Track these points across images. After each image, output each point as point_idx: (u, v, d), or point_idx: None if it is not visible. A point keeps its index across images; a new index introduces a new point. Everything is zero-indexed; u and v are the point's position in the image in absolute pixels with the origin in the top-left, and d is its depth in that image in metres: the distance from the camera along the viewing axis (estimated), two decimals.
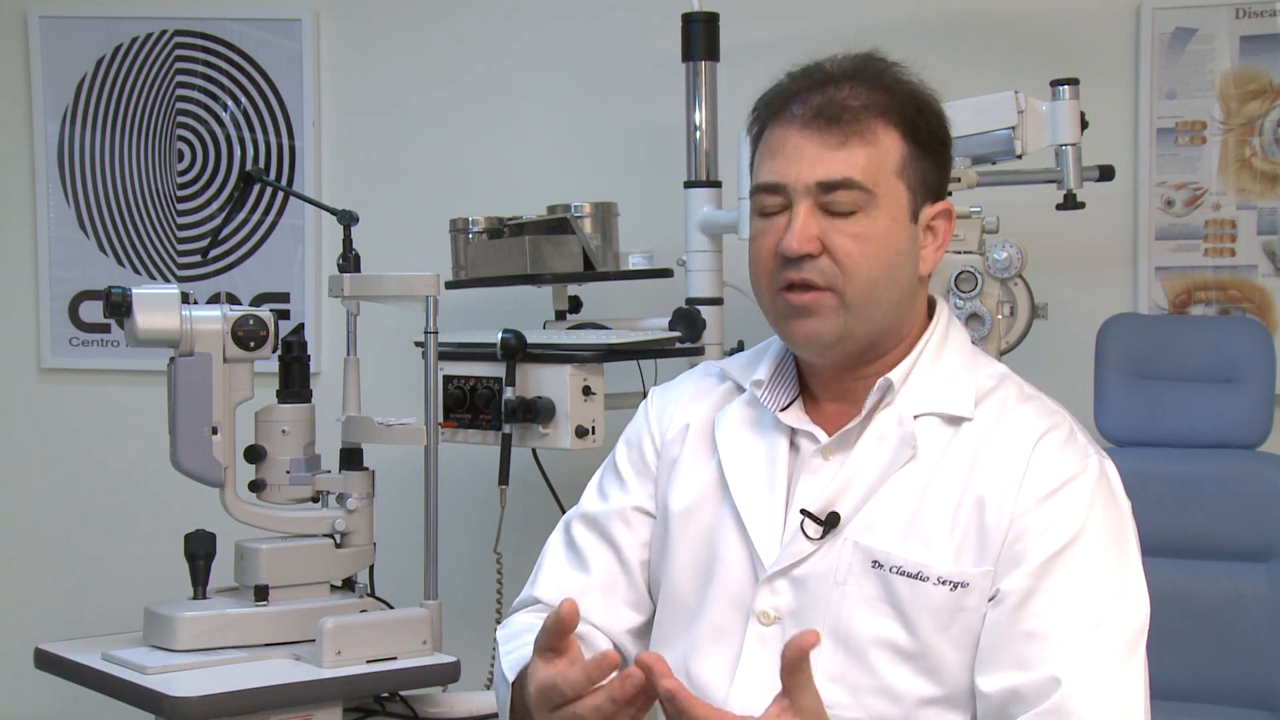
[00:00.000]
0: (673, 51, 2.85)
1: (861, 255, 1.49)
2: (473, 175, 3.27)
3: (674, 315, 2.71)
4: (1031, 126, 2.54)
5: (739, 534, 1.55)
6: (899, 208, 1.51)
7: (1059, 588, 1.42)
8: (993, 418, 1.52)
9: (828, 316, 1.50)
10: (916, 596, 1.45)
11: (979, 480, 1.48)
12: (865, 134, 1.50)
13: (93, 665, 2.25)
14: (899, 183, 1.51)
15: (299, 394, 2.44)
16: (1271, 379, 2.67)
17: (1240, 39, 3.00)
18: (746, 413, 1.61)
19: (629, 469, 1.68)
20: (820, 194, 1.49)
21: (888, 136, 1.51)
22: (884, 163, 1.50)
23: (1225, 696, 2.59)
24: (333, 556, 2.39)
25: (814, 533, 1.49)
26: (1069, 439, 1.51)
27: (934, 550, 1.46)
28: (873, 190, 1.49)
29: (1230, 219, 3.02)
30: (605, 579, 1.64)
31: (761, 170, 1.54)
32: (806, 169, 1.50)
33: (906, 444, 1.51)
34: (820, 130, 1.50)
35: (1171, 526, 2.64)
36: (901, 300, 1.54)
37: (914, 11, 3.11)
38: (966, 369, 1.57)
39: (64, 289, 3.38)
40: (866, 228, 1.49)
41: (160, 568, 2.78)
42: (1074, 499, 1.46)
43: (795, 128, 1.51)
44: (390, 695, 2.35)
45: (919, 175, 1.53)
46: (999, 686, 1.41)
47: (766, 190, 1.53)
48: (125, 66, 3.35)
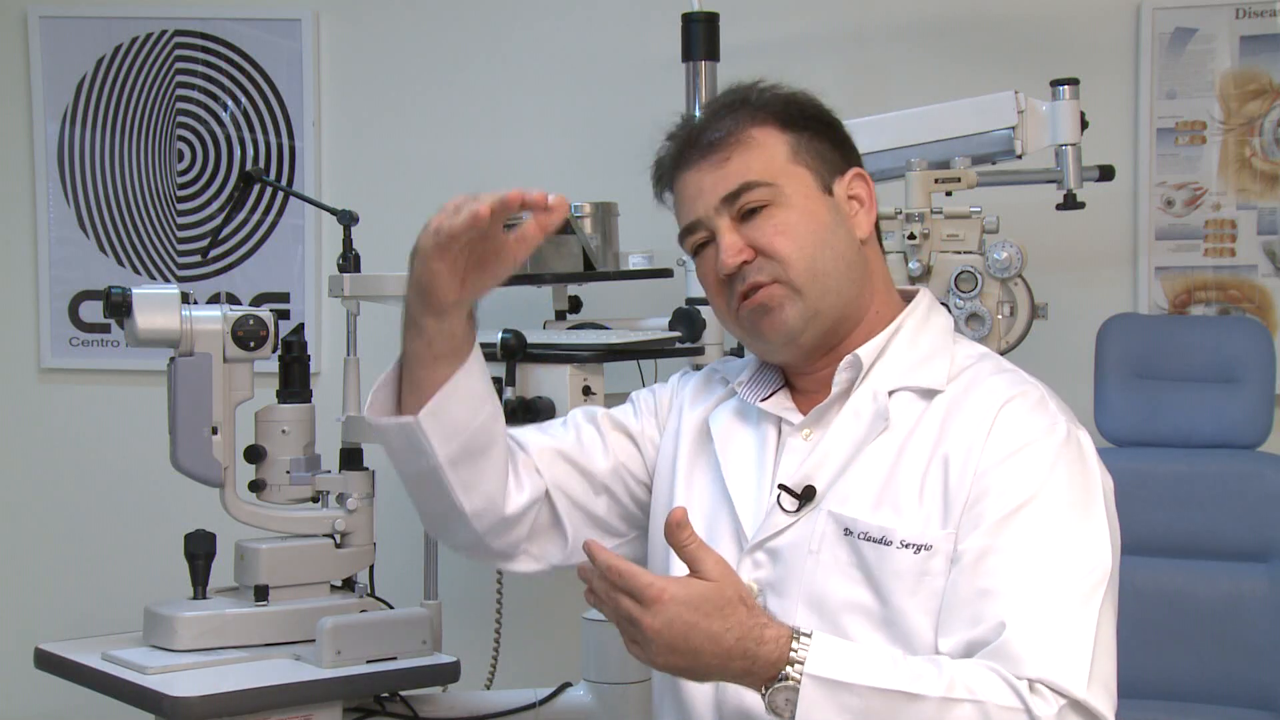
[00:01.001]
0: (673, 51, 2.85)
1: (788, 239, 1.56)
2: (473, 175, 3.27)
3: (674, 315, 2.71)
4: (1031, 126, 2.55)
5: (728, 513, 1.61)
6: (806, 187, 1.59)
7: (1013, 545, 1.44)
8: (964, 387, 1.56)
9: (785, 305, 1.57)
10: (883, 562, 1.49)
11: (946, 443, 1.51)
12: (744, 142, 1.60)
13: (93, 665, 2.25)
14: (796, 167, 1.59)
15: (299, 394, 2.44)
16: (1271, 379, 2.67)
17: (1240, 39, 3.00)
18: (737, 406, 1.69)
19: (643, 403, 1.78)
20: (729, 206, 1.58)
21: (766, 136, 1.60)
22: (773, 157, 1.59)
23: (1225, 696, 2.59)
24: (333, 556, 2.39)
25: (790, 505, 1.55)
26: (1038, 404, 1.54)
27: (904, 516, 1.50)
28: (772, 183, 1.58)
29: (1230, 219, 3.02)
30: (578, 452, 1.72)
31: (680, 219, 1.66)
32: (708, 194, 1.60)
33: (880, 417, 1.55)
34: (705, 157, 1.61)
35: (1171, 526, 2.65)
36: (849, 267, 1.60)
37: (914, 11, 3.11)
38: (944, 349, 1.61)
39: (64, 289, 3.38)
40: (782, 215, 1.57)
41: (160, 568, 2.77)
42: (1036, 459, 1.48)
43: (689, 169, 1.63)
44: (390, 695, 2.35)
45: (814, 154, 1.61)
46: (953, 644, 1.43)
47: (688, 231, 1.64)
48: (125, 66, 3.35)
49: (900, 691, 1.35)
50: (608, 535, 1.73)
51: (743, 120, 1.61)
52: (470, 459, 1.59)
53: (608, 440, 1.74)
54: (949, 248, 2.48)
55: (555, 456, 1.70)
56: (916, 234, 2.46)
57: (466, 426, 1.58)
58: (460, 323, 1.56)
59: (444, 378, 1.56)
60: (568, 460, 1.71)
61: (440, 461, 1.57)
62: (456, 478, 1.59)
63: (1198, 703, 2.60)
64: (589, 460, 1.72)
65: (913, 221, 2.47)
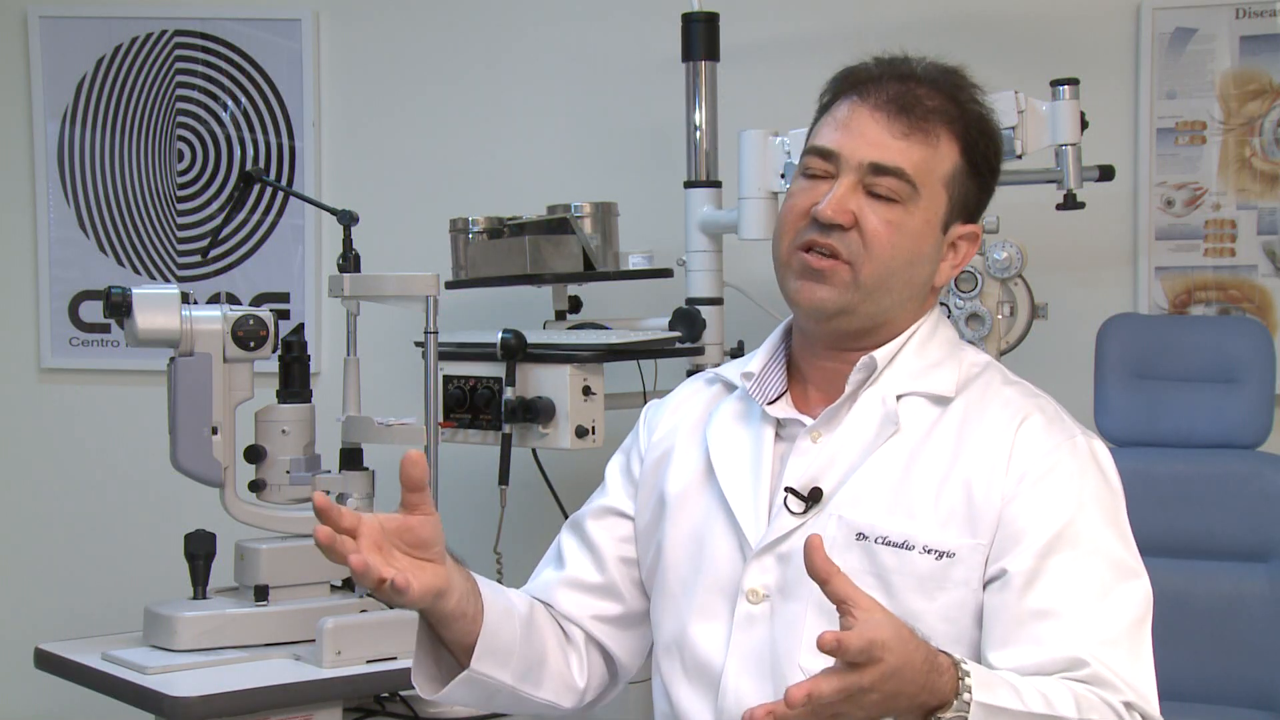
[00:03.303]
0: (673, 51, 2.85)
1: (889, 240, 1.52)
2: (473, 175, 3.27)
3: (674, 315, 2.71)
4: (1031, 126, 2.54)
5: (726, 518, 1.58)
6: (935, 213, 1.55)
7: (1063, 566, 1.44)
8: (977, 397, 1.55)
9: (837, 287, 1.53)
10: (902, 565, 1.47)
11: (965, 461, 1.50)
12: (929, 133, 1.54)
13: (93, 665, 2.25)
14: (943, 190, 1.55)
15: (299, 394, 2.44)
16: (1271, 379, 2.67)
17: (1240, 39, 3.00)
18: (736, 407, 1.64)
19: (615, 474, 1.73)
20: (868, 174, 1.53)
21: (947, 144, 1.55)
22: (936, 167, 1.54)
23: (1225, 696, 2.59)
24: None
25: (797, 508, 1.52)
26: (1054, 419, 1.54)
27: (919, 522, 1.48)
28: (917, 187, 1.53)
29: (1230, 219, 3.02)
30: (576, 572, 1.68)
31: (820, 134, 1.58)
32: (864, 147, 1.53)
33: (889, 421, 1.54)
34: (889, 116, 1.54)
35: (1171, 526, 2.65)
36: (909, 298, 1.58)
37: (914, 11, 3.11)
38: (952, 357, 1.60)
39: (64, 289, 3.38)
40: (901, 218, 1.53)
41: (160, 568, 2.78)
42: (1065, 478, 1.48)
43: (866, 107, 1.55)
44: (390, 695, 2.35)
45: (962, 191, 1.57)
46: (1017, 663, 1.42)
47: (819, 154, 1.56)
48: (125, 66, 3.35)
49: (1047, 715, 1.34)
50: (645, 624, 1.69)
51: (942, 114, 1.55)
52: (528, 660, 1.58)
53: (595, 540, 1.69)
54: None
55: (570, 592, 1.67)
56: None
57: (515, 642, 1.55)
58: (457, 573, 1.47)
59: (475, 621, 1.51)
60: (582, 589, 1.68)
61: (510, 684, 1.55)
62: (529, 686, 1.58)
63: (1198, 703, 2.60)
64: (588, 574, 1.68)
65: None
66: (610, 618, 1.68)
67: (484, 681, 1.52)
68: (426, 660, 1.54)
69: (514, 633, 1.56)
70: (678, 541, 1.62)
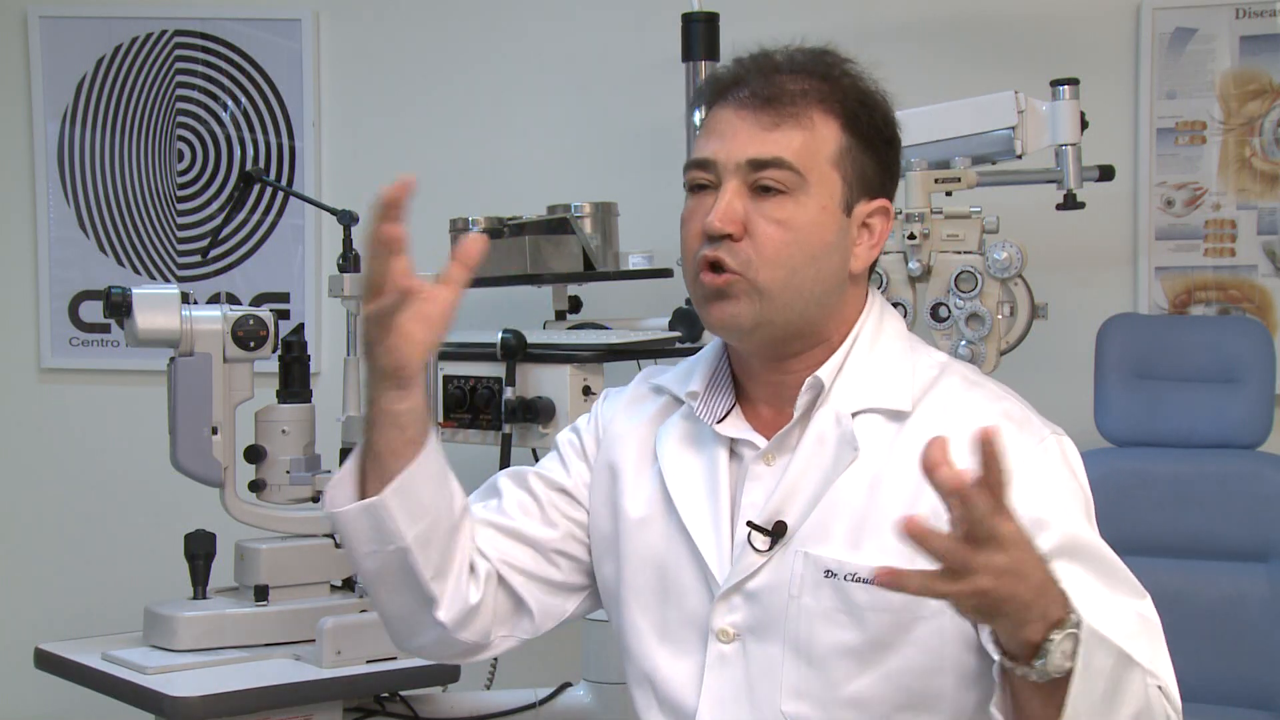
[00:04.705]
0: (673, 51, 2.85)
1: (782, 242, 1.46)
2: (473, 175, 3.27)
3: (674, 315, 2.71)
4: (1031, 126, 2.54)
5: (690, 552, 1.52)
6: (830, 197, 1.49)
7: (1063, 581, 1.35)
8: (938, 409, 1.48)
9: (741, 300, 1.47)
10: (875, 601, 1.42)
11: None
12: (801, 118, 1.48)
13: (93, 665, 2.25)
14: (833, 171, 1.49)
15: (299, 394, 2.44)
16: (1271, 379, 2.68)
17: (1240, 39, 3.00)
18: (685, 427, 1.58)
19: (570, 455, 1.66)
20: (749, 172, 1.47)
21: (825, 125, 1.49)
22: (819, 149, 1.48)
23: (1225, 696, 2.59)
24: (333, 556, 2.39)
25: (761, 544, 1.47)
26: (1022, 423, 1.47)
27: (890, 555, 1.38)
28: (803, 174, 1.47)
29: (1230, 219, 3.02)
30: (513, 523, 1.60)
31: (696, 146, 1.53)
32: (738, 147, 1.48)
33: (847, 444, 1.47)
34: (755, 110, 1.49)
35: (1171, 526, 2.65)
36: (825, 293, 1.50)
37: (914, 11, 3.11)
38: (903, 359, 1.53)
39: (64, 289, 3.38)
40: (793, 213, 1.47)
41: (160, 568, 2.78)
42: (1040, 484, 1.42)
43: (732, 109, 1.51)
44: (390, 695, 2.35)
45: (857, 168, 1.50)
46: None
47: (697, 166, 1.51)
48: (125, 66, 3.35)
49: (1126, 654, 1.30)
50: (570, 594, 1.63)
51: (812, 95, 1.50)
52: (438, 540, 1.49)
53: (544, 503, 1.62)
54: (949, 248, 2.47)
55: (495, 533, 1.59)
56: (916, 234, 2.46)
57: (433, 505, 1.48)
58: (422, 398, 1.47)
59: (407, 460, 1.46)
60: (508, 534, 1.60)
61: (409, 543, 1.46)
62: (425, 559, 1.48)
63: (1198, 703, 2.59)
64: (530, 529, 1.61)
65: (913, 221, 2.46)
66: (541, 578, 1.60)
67: (384, 521, 1.44)
68: (347, 480, 1.48)
69: (439, 502, 1.48)
70: (639, 569, 1.56)
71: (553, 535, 1.61)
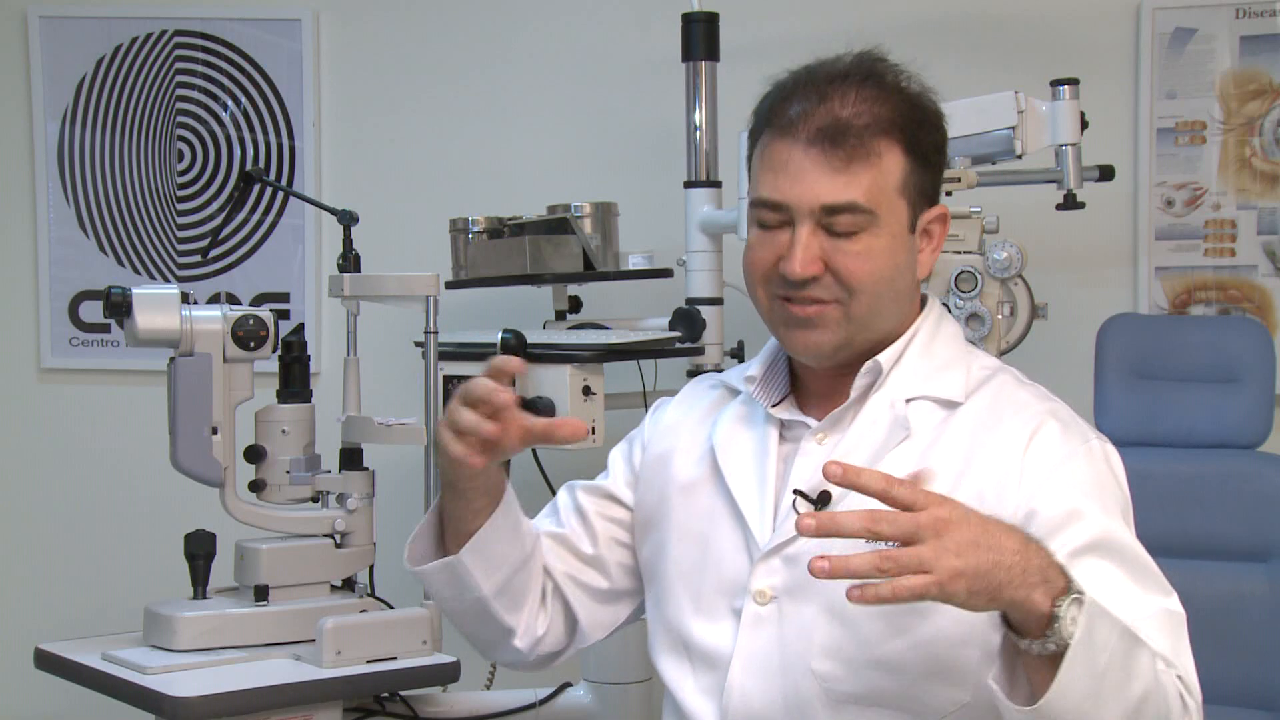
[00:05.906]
0: (673, 51, 2.85)
1: (865, 273, 1.52)
2: (473, 175, 3.27)
3: (674, 315, 2.71)
4: (1031, 126, 2.54)
5: (733, 518, 1.58)
6: (899, 223, 1.54)
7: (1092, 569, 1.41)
8: (989, 403, 1.54)
9: (831, 328, 1.54)
10: None
11: (977, 469, 1.49)
12: (869, 155, 1.51)
13: (93, 665, 2.25)
14: (900, 199, 1.53)
15: (299, 394, 2.44)
16: (1271, 379, 2.67)
17: (1240, 39, 3.00)
18: (740, 410, 1.65)
19: (618, 459, 1.76)
20: (823, 216, 1.51)
21: (890, 155, 1.52)
22: (886, 183, 1.52)
23: (1225, 696, 2.59)
24: (333, 556, 2.39)
25: (805, 510, 1.51)
26: (1069, 424, 1.53)
27: None
28: (875, 212, 1.51)
29: (1230, 219, 3.02)
30: (568, 534, 1.71)
31: (763, 184, 1.55)
32: (809, 191, 1.50)
33: (900, 425, 1.53)
34: (825, 151, 1.50)
35: (1171, 526, 2.64)
36: (901, 306, 1.59)
37: (914, 11, 3.11)
38: (959, 359, 1.60)
39: (64, 289, 3.38)
40: (869, 246, 1.52)
41: (160, 568, 2.77)
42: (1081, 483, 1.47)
43: (800, 147, 1.51)
44: (390, 695, 2.35)
45: (918, 187, 1.55)
46: None
47: (769, 208, 1.54)
48: (125, 66, 3.35)
49: (1133, 633, 1.32)
50: (620, 601, 1.73)
51: (875, 127, 1.50)
52: (513, 585, 1.62)
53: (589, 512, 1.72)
54: (949, 248, 2.47)
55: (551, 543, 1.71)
56: None
57: (506, 558, 1.60)
58: (495, 475, 1.56)
59: (482, 520, 1.58)
60: (561, 544, 1.71)
61: (485, 593, 1.60)
62: (500, 604, 1.62)
63: None
64: (576, 537, 1.71)
65: None
66: (591, 588, 1.71)
67: (462, 577, 1.58)
68: (426, 534, 1.61)
69: (512, 553, 1.60)
70: (681, 537, 1.63)
71: (597, 539, 1.70)
